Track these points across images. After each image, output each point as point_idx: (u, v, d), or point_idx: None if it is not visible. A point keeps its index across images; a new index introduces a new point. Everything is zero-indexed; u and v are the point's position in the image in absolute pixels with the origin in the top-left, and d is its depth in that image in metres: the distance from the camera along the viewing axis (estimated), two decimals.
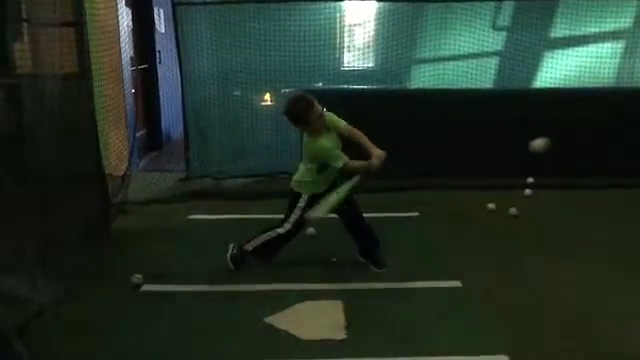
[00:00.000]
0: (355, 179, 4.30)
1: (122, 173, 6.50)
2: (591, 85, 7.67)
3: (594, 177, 6.81)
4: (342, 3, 7.81)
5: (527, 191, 6.71)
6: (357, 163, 4.29)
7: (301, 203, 4.44)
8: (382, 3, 7.97)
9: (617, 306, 4.03)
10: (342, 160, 4.23)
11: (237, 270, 4.57)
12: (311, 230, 5.18)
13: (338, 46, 8.07)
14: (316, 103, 4.24)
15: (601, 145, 7.09)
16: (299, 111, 4.27)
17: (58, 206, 4.37)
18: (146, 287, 4.31)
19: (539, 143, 4.88)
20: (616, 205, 6.27)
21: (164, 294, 4.26)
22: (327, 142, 4.28)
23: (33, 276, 3.87)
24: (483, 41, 7.70)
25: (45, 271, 3.95)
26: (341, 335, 3.65)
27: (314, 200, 4.42)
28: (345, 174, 4.34)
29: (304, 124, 4.32)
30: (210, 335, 3.67)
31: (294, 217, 4.46)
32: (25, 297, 3.76)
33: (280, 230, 4.49)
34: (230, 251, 4.61)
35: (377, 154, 4.23)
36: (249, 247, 4.58)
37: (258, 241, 4.56)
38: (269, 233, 4.54)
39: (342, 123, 4.40)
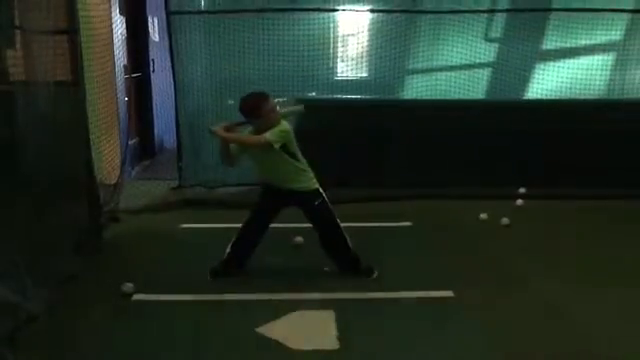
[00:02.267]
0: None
1: (114, 181, 6.47)
2: (582, 97, 7.74)
3: (586, 188, 6.84)
4: (336, 13, 7.84)
5: (519, 201, 6.74)
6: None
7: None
8: (375, 14, 8.03)
9: (611, 312, 4.05)
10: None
11: (241, 268, 4.61)
12: (299, 239, 5.18)
13: (332, 56, 8.09)
14: (271, 98, 4.34)
15: (593, 156, 7.13)
16: (254, 102, 4.34)
17: (49, 213, 4.35)
18: (137, 296, 4.29)
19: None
20: (608, 215, 6.30)
21: (155, 303, 4.23)
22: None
23: (23, 284, 3.83)
24: (475, 52, 7.76)
25: (36, 279, 3.92)
26: (333, 345, 3.64)
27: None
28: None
29: (258, 116, 4.32)
30: (201, 345, 3.64)
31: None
32: (15, 305, 3.72)
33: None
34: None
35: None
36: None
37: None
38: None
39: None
